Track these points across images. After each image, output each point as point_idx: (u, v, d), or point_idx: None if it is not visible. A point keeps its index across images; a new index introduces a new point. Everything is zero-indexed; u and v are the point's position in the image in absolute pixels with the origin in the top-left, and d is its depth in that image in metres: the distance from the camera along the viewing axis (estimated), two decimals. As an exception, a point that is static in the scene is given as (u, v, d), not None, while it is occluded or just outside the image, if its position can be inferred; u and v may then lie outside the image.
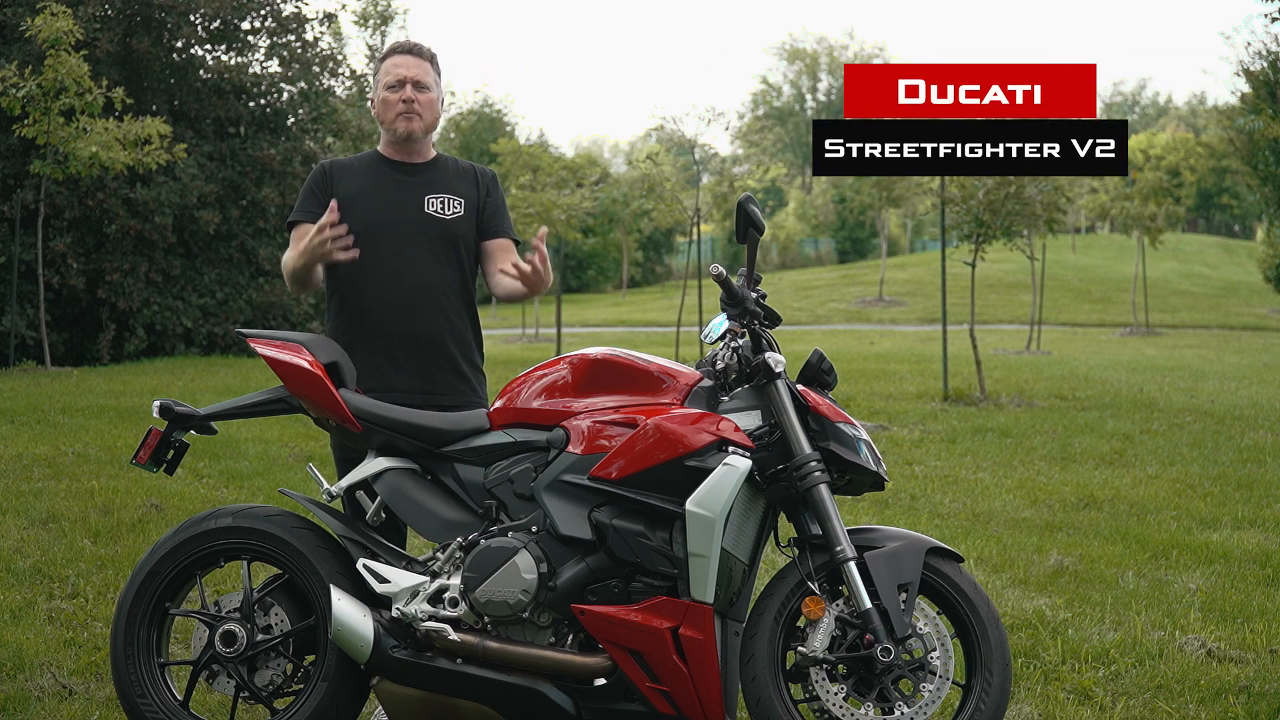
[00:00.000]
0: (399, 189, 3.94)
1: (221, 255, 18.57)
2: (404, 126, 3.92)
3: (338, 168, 4.01)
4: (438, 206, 3.94)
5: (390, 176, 3.96)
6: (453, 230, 3.94)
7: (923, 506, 7.20)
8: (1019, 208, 12.21)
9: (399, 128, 3.92)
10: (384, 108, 3.94)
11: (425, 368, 3.88)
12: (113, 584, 5.30)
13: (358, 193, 3.91)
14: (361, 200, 3.90)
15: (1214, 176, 62.02)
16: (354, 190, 3.92)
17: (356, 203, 3.89)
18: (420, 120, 3.93)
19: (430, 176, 3.99)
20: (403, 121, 3.92)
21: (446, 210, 3.94)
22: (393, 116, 3.92)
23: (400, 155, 3.99)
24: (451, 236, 3.94)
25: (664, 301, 34.75)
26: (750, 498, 3.40)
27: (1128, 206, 24.79)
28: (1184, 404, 11.79)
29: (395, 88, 3.93)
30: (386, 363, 3.86)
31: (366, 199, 3.91)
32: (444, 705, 3.40)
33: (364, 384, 3.82)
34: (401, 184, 3.95)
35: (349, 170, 3.99)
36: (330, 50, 20.74)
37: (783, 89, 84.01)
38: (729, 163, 42.46)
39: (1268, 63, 28.57)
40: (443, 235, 3.92)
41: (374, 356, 3.87)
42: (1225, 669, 4.41)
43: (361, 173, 3.98)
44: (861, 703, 3.36)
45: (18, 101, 13.61)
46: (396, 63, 3.96)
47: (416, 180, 3.96)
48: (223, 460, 8.22)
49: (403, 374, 3.86)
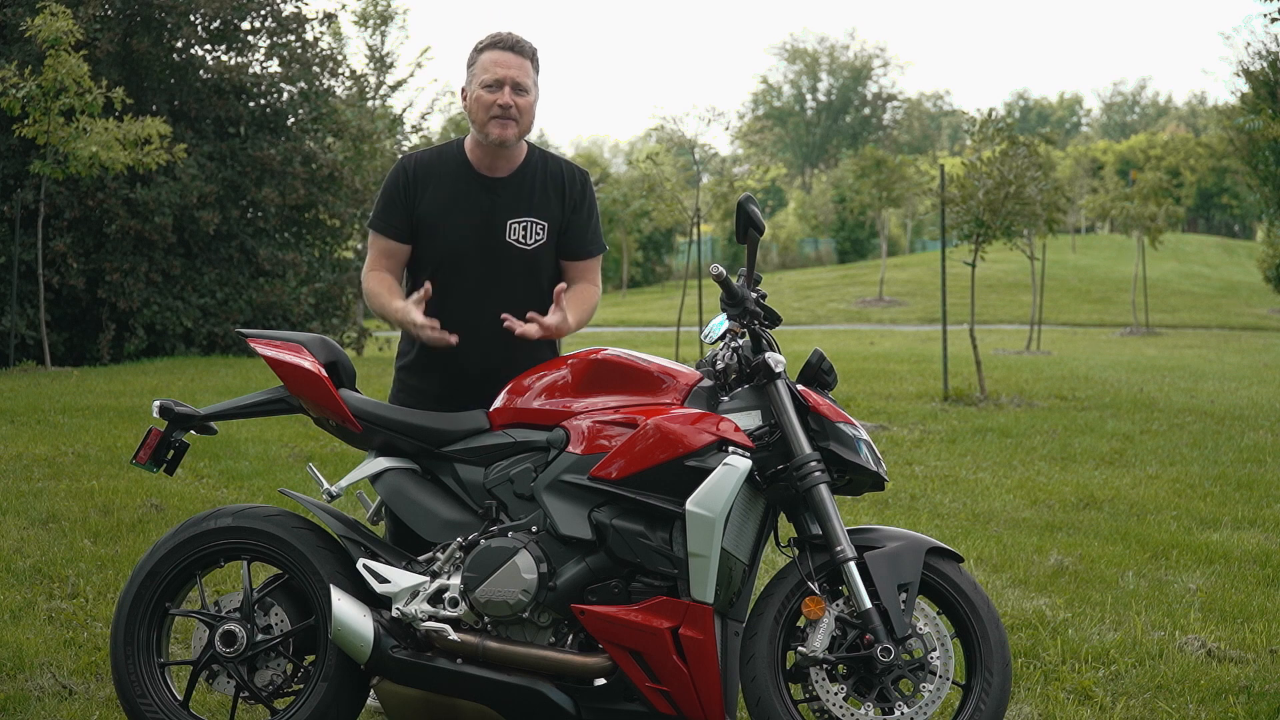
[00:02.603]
0: (480, 214, 3.75)
1: (221, 255, 18.56)
2: (498, 133, 3.70)
3: (422, 170, 3.80)
4: (519, 235, 3.77)
5: (474, 195, 3.77)
6: (533, 260, 3.79)
7: (923, 506, 7.20)
8: (1019, 208, 12.20)
9: (493, 133, 3.71)
10: (478, 107, 3.72)
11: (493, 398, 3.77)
12: (113, 584, 5.30)
13: (440, 211, 3.77)
14: (443, 222, 3.77)
15: (1214, 176, 62.03)
16: (436, 208, 3.77)
17: (437, 227, 3.77)
18: (516, 126, 3.71)
19: (513, 195, 3.78)
20: (496, 127, 3.70)
21: (528, 239, 3.78)
22: (486, 119, 3.70)
23: (486, 163, 3.78)
24: (533, 267, 3.79)
25: (664, 301, 34.75)
26: (750, 498, 3.40)
27: (1128, 206, 24.79)
28: (1184, 404, 11.79)
29: (493, 88, 3.69)
30: (461, 393, 3.77)
31: (448, 220, 3.76)
32: (444, 705, 3.40)
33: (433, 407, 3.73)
34: (484, 206, 3.76)
35: (432, 177, 3.79)
36: (330, 50, 20.74)
37: (783, 89, 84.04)
38: (729, 163, 42.42)
39: (1268, 63, 28.59)
40: (525, 267, 3.78)
41: (448, 387, 3.80)
42: (1225, 669, 4.41)
43: (445, 183, 3.78)
44: (861, 703, 3.36)
45: (18, 101, 13.61)
46: (496, 60, 3.72)
47: (500, 201, 3.77)
48: (223, 460, 8.22)
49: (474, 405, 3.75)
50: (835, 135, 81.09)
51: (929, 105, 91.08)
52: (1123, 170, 54.64)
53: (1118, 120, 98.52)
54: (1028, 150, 12.65)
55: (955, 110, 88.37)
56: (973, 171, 12.25)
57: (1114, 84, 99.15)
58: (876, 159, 32.86)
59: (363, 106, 22.23)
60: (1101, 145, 70.15)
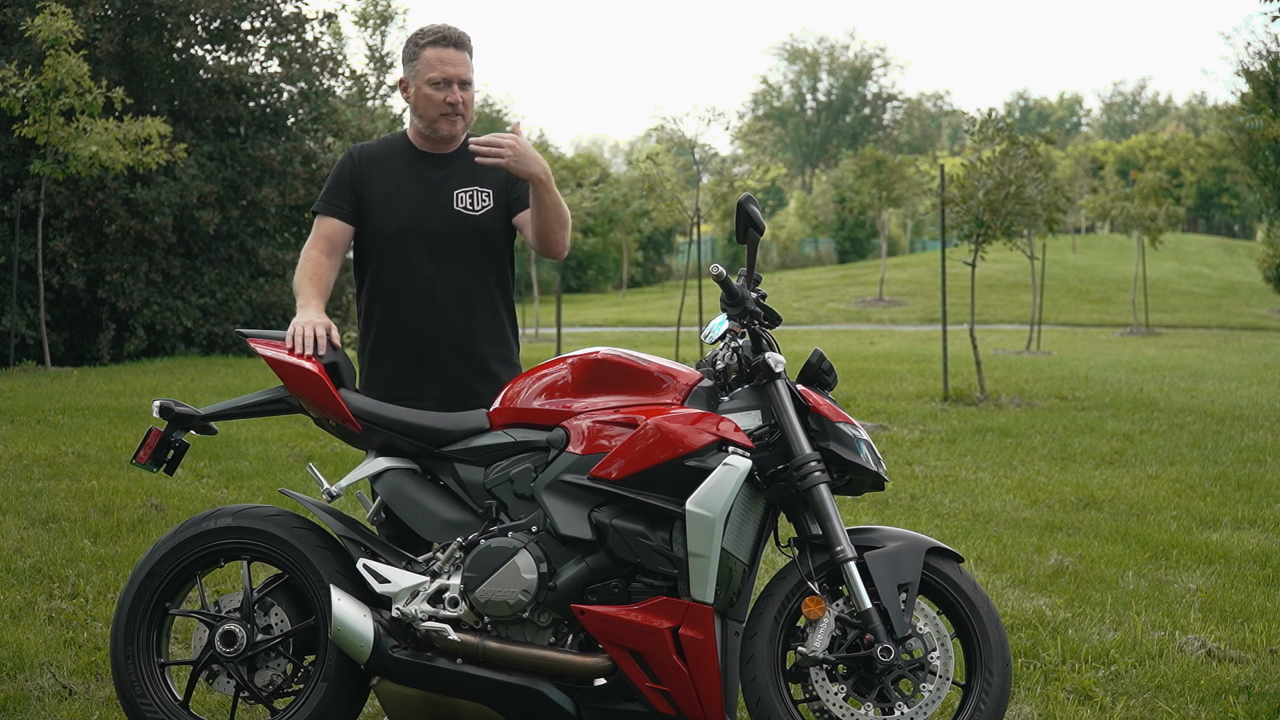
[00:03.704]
0: (428, 188, 3.88)
1: (221, 255, 18.56)
2: (448, 129, 3.87)
3: (367, 158, 3.94)
4: (466, 202, 3.88)
5: (420, 173, 3.90)
6: (483, 226, 3.89)
7: (923, 506, 7.20)
8: (1019, 208, 12.20)
9: (443, 129, 3.86)
10: (425, 104, 3.84)
11: (459, 375, 3.86)
12: (113, 584, 5.30)
13: (387, 194, 3.88)
14: (391, 202, 3.87)
15: (1214, 176, 62.03)
16: (383, 191, 3.88)
17: (386, 205, 3.87)
18: (463, 120, 3.89)
19: (458, 168, 3.90)
20: (447, 124, 3.86)
21: (476, 205, 3.89)
22: (436, 116, 3.84)
23: (430, 146, 3.93)
24: (482, 234, 3.89)
25: (664, 301, 34.74)
26: (750, 498, 3.40)
27: (1128, 206, 24.78)
28: (1184, 404, 11.79)
29: (441, 86, 3.83)
30: (419, 371, 3.86)
31: (395, 200, 3.87)
32: (444, 705, 3.40)
33: (398, 391, 3.82)
34: (431, 181, 3.88)
35: (379, 164, 3.92)
36: (330, 50, 20.72)
37: (783, 89, 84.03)
38: (729, 163, 42.39)
39: (1268, 63, 28.58)
40: (474, 234, 3.88)
41: (406, 364, 3.87)
42: (1225, 669, 4.41)
43: (391, 167, 3.91)
44: (861, 703, 3.36)
45: (18, 101, 13.61)
46: (441, 57, 3.84)
47: (445, 174, 3.90)
48: (223, 460, 8.22)
49: (436, 383, 3.85)
50: (835, 135, 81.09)
51: (929, 105, 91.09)
52: (1123, 170, 54.65)
53: (1118, 120, 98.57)
54: (1028, 150, 12.65)
55: (955, 110, 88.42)
56: (973, 171, 12.25)
57: (1114, 84, 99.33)
58: (876, 159, 32.87)
59: (363, 106, 22.23)
60: (1101, 145, 70.15)
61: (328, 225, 3.90)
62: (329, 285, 3.85)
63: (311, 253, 3.88)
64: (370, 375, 3.95)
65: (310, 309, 3.72)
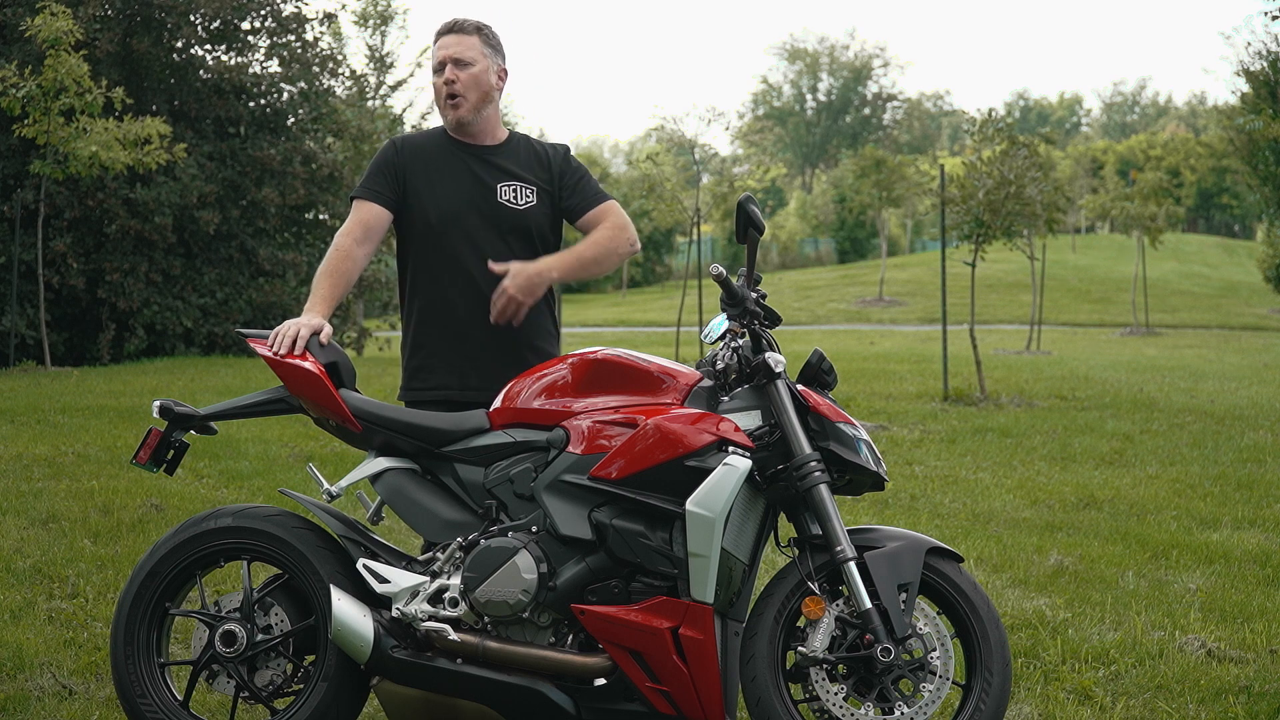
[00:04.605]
0: (471, 178, 3.87)
1: (221, 255, 18.57)
2: (451, 115, 3.86)
3: (410, 149, 3.92)
4: (509, 196, 3.88)
5: (462, 163, 3.89)
6: (525, 221, 3.88)
7: (923, 506, 7.20)
8: (1019, 208, 12.20)
9: (448, 115, 3.88)
10: (435, 96, 3.90)
11: (500, 363, 3.84)
12: (113, 584, 5.30)
13: (429, 183, 3.87)
14: (433, 191, 3.86)
15: (1214, 176, 62.05)
16: (426, 181, 3.87)
17: (429, 193, 3.86)
18: (466, 101, 3.85)
19: (502, 162, 3.90)
20: (450, 110, 3.86)
21: (519, 200, 3.88)
22: (441, 104, 3.87)
23: (467, 138, 3.92)
24: (525, 228, 3.89)
25: (664, 301, 34.76)
26: (750, 498, 3.40)
27: (1128, 206, 24.80)
28: (1184, 404, 11.78)
29: (438, 71, 3.87)
30: (463, 359, 3.86)
31: (438, 189, 3.86)
32: (444, 705, 3.40)
33: (440, 380, 3.83)
34: (473, 172, 3.88)
35: (421, 154, 3.91)
36: (330, 50, 20.73)
37: (783, 89, 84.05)
38: (729, 163, 42.42)
39: (1268, 63, 28.58)
40: (516, 227, 3.87)
41: (451, 353, 3.87)
42: (1225, 669, 4.40)
43: (433, 158, 3.90)
44: (861, 703, 3.35)
45: (18, 101, 13.61)
46: (440, 45, 3.89)
47: (489, 166, 3.90)
48: (223, 460, 8.22)
49: (478, 371, 3.83)
50: (835, 135, 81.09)
51: (929, 105, 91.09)
52: (1123, 170, 54.66)
53: (1118, 120, 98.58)
54: (1028, 150, 12.65)
55: (955, 110, 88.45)
56: (973, 171, 12.25)
57: (1114, 84, 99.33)
58: (876, 159, 32.87)
59: (363, 106, 22.23)
60: (1101, 145, 70.17)
61: (366, 210, 3.85)
62: (350, 281, 3.80)
63: (344, 241, 3.83)
64: (410, 364, 3.94)
65: (312, 311, 3.71)
